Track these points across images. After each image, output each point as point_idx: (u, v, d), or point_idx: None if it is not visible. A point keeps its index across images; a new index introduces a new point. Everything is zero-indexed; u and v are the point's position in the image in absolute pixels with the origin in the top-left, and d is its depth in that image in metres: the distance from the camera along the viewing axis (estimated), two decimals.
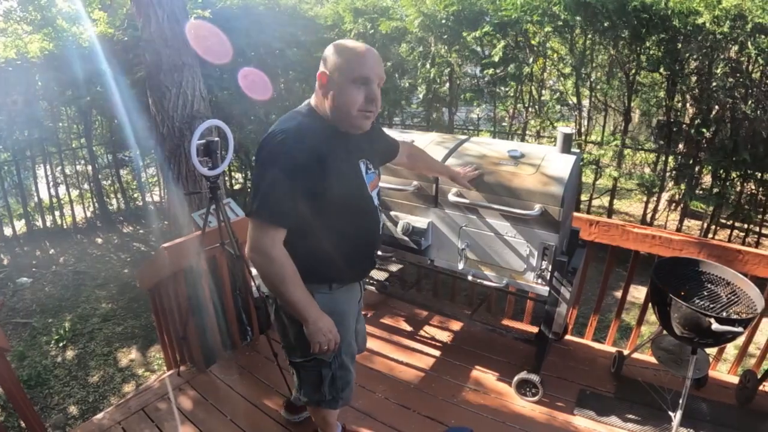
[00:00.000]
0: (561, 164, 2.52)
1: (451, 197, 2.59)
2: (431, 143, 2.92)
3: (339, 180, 1.71)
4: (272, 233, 1.63)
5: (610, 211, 7.13)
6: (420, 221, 2.77)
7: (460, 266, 2.72)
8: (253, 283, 3.17)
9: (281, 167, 1.60)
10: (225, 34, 5.12)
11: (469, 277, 2.76)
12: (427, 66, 6.94)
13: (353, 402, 2.83)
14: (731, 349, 4.03)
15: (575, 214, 3.14)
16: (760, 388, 2.86)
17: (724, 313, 2.38)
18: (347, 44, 1.70)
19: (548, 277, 2.53)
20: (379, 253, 2.94)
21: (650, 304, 2.68)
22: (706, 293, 2.55)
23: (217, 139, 2.80)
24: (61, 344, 5.08)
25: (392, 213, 2.84)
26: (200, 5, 6.03)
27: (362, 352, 2.39)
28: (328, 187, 1.67)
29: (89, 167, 8.12)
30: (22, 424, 2.49)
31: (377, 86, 1.70)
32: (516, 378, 2.92)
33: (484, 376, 3.12)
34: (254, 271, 3.28)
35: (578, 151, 2.70)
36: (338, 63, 1.66)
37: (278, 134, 1.64)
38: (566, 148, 2.64)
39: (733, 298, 2.50)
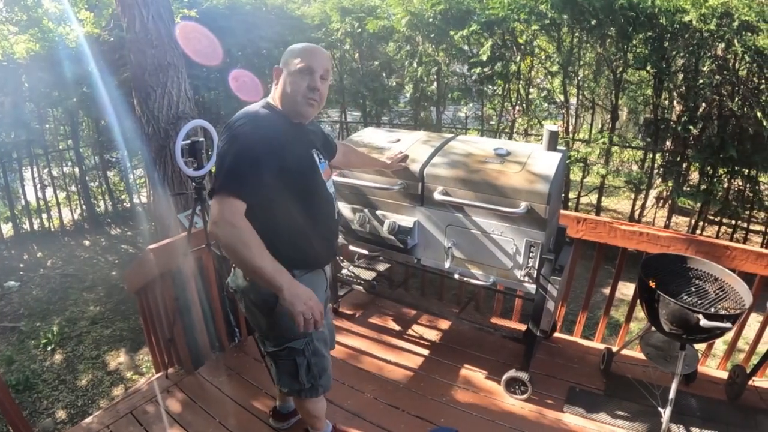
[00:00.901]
0: (547, 162, 2.52)
1: (437, 196, 2.59)
2: (417, 142, 2.91)
3: (296, 162, 1.85)
4: (235, 204, 1.66)
5: (599, 209, 7.15)
6: (406, 220, 2.76)
7: (447, 265, 2.71)
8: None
9: (241, 146, 1.71)
10: (212, 33, 5.10)
11: (456, 276, 2.76)
12: (415, 65, 6.95)
13: (342, 402, 2.83)
14: (720, 345, 4.05)
15: (562, 211, 3.15)
16: (750, 383, 2.88)
17: (712, 309, 2.38)
18: (298, 44, 1.91)
19: (535, 275, 2.52)
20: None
21: (638, 301, 2.69)
22: (694, 289, 2.55)
23: (202, 139, 2.79)
24: (49, 348, 5.04)
25: (378, 212, 2.83)
26: (186, 5, 6.00)
27: (332, 348, 2.41)
28: (286, 168, 1.78)
29: (76, 169, 8.07)
30: (11, 430, 2.45)
31: (321, 78, 1.87)
32: (505, 376, 2.91)
33: (473, 374, 3.11)
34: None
35: (564, 148, 2.70)
36: (287, 57, 1.87)
37: (238, 120, 1.78)
38: (552, 146, 2.64)
39: (721, 293, 2.51)
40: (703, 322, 2.20)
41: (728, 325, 2.22)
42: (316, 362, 2.08)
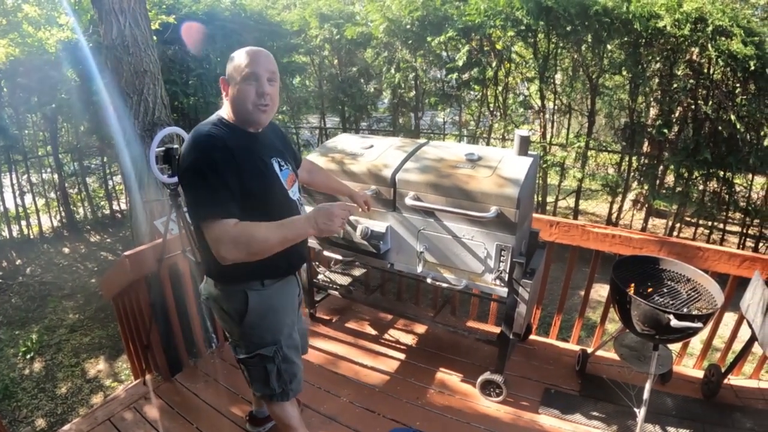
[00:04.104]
0: (517, 166, 2.56)
1: (409, 201, 2.61)
2: (391, 147, 2.94)
3: (252, 175, 1.81)
4: (225, 223, 1.67)
5: (576, 212, 7.22)
6: (378, 225, 2.78)
7: (419, 269, 2.74)
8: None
9: (202, 167, 1.70)
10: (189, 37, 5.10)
11: (429, 280, 2.79)
12: (393, 71, 6.97)
13: (318, 406, 2.85)
14: (697, 344, 4.11)
15: (535, 215, 3.19)
16: (725, 381, 2.93)
17: (684, 310, 2.43)
18: (240, 50, 1.85)
19: (506, 278, 2.56)
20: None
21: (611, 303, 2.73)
22: (666, 290, 2.61)
23: (176, 146, 2.78)
24: (28, 356, 4.98)
25: (351, 217, 2.85)
26: (165, 11, 5.98)
27: (305, 353, 2.43)
28: (244, 182, 1.76)
29: (56, 175, 7.98)
30: None
31: (268, 80, 1.82)
32: (480, 379, 2.94)
33: (449, 377, 3.14)
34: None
35: (535, 153, 2.74)
36: (231, 67, 1.83)
37: (192, 143, 1.76)
38: (523, 151, 2.68)
39: (693, 294, 2.56)
40: (674, 322, 2.25)
41: (699, 325, 2.27)
42: (286, 368, 2.09)
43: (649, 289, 2.59)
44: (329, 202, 1.77)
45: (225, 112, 1.90)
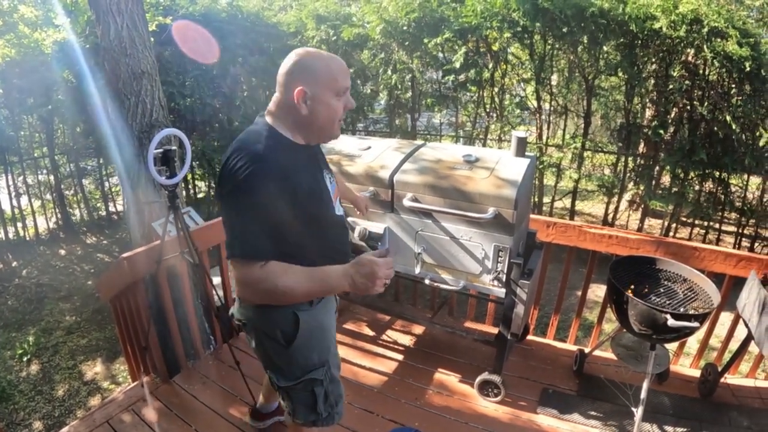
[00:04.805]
0: (514, 167, 2.57)
1: (407, 202, 2.62)
2: (388, 149, 2.95)
3: (310, 198, 1.66)
4: (259, 265, 1.53)
5: (573, 213, 7.24)
6: (376, 226, 2.79)
7: (417, 270, 2.75)
8: (215, 293, 3.17)
9: (247, 197, 1.51)
10: (186, 41, 5.10)
11: (426, 281, 2.80)
12: (389, 72, 6.97)
13: None
14: (693, 344, 4.13)
15: (532, 216, 3.20)
16: (722, 380, 2.95)
17: (681, 309, 2.44)
18: (320, 56, 1.64)
19: (504, 279, 2.57)
20: None
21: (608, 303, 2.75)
22: (663, 290, 2.62)
23: (174, 147, 2.79)
24: (25, 359, 4.98)
25: (349, 219, 2.86)
26: (162, 13, 5.98)
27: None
28: (302, 207, 1.61)
29: (52, 177, 7.96)
30: None
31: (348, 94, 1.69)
32: (478, 379, 2.95)
33: (447, 378, 3.15)
34: (215, 280, 3.30)
35: (532, 154, 2.75)
36: (318, 78, 1.60)
37: (245, 164, 1.52)
38: (520, 152, 2.70)
39: (690, 294, 2.58)
40: (671, 322, 2.26)
41: (696, 324, 2.28)
42: (333, 389, 1.93)
43: (646, 289, 2.61)
44: (371, 257, 1.54)
45: (280, 123, 1.67)
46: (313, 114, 1.62)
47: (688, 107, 6.16)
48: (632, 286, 2.58)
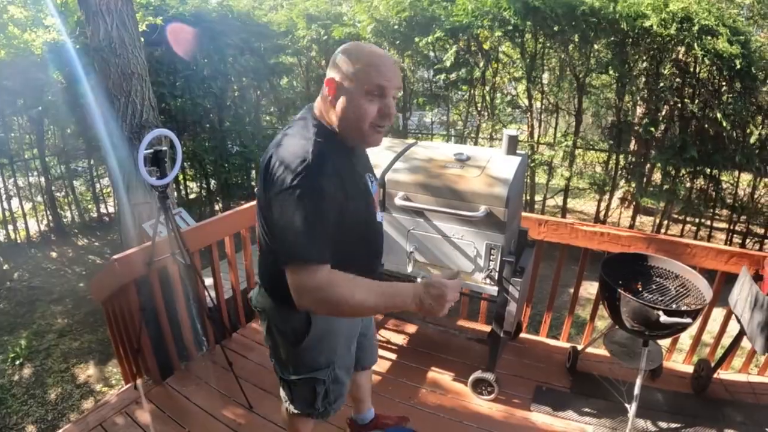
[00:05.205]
0: (506, 166, 2.57)
1: (398, 201, 2.62)
2: (381, 148, 2.94)
3: (356, 200, 1.59)
4: (320, 270, 1.43)
5: (564, 210, 7.26)
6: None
7: (409, 269, 2.75)
8: (207, 294, 3.16)
9: (305, 194, 1.41)
10: (176, 41, 5.08)
11: (418, 280, 2.78)
12: None
13: None
14: (686, 340, 4.15)
15: (524, 214, 3.20)
16: (715, 375, 2.96)
17: (673, 306, 2.46)
18: (362, 48, 1.54)
19: (496, 277, 2.57)
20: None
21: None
22: (655, 287, 2.64)
23: (165, 148, 2.77)
24: (17, 362, 4.94)
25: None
26: (152, 13, 5.96)
27: (373, 364, 2.34)
28: (348, 210, 1.53)
29: (42, 179, 7.91)
30: None
31: (393, 98, 1.53)
32: (471, 377, 2.96)
33: (440, 377, 3.15)
34: (207, 281, 3.28)
35: (524, 152, 2.75)
36: (350, 70, 1.48)
37: (297, 163, 1.43)
38: (512, 150, 2.70)
39: (682, 290, 2.59)
40: (663, 318, 2.27)
41: (688, 320, 2.29)
42: (334, 389, 1.92)
43: (638, 286, 2.62)
44: (442, 279, 1.47)
45: (325, 115, 1.59)
46: (339, 109, 1.52)
47: (679, 105, 6.19)
48: (638, 284, 2.59)
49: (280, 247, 1.50)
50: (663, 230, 6.88)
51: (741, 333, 2.75)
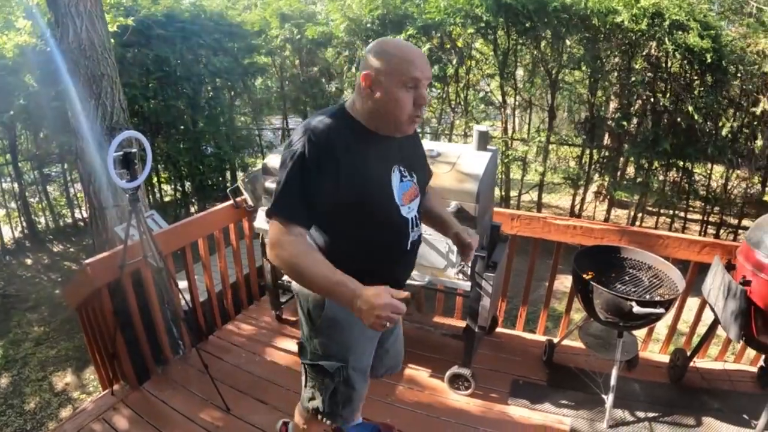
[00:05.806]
0: (476, 161, 2.59)
1: None
2: None
3: (358, 183, 1.59)
4: (287, 228, 1.51)
5: (540, 205, 7.33)
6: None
7: None
8: (181, 296, 3.13)
9: (295, 164, 1.53)
10: (149, 42, 5.02)
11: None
12: (354, 70, 6.97)
13: (286, 408, 2.82)
14: (662, 330, 4.21)
15: (497, 209, 3.23)
16: (691, 364, 3.00)
17: (647, 296, 2.49)
18: (395, 43, 1.60)
19: (468, 272, 2.58)
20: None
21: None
22: (628, 278, 2.67)
23: (134, 150, 2.74)
24: None
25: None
26: (123, 13, 5.88)
27: (396, 370, 2.22)
28: (345, 189, 1.56)
29: (16, 185, 7.78)
30: None
31: (425, 88, 1.60)
32: (448, 373, 2.97)
33: (417, 373, 3.16)
34: (181, 284, 3.25)
35: (495, 148, 2.77)
36: (385, 64, 1.54)
37: (299, 132, 1.57)
38: (482, 146, 2.72)
39: (655, 281, 2.63)
40: (636, 309, 2.30)
41: (661, 310, 2.33)
42: (343, 391, 1.86)
43: (612, 278, 2.65)
44: (386, 288, 1.41)
45: (354, 107, 1.65)
46: (376, 101, 1.57)
47: (651, 99, 6.28)
48: (591, 273, 2.61)
49: (272, 200, 1.60)
50: (638, 223, 6.98)
51: (716, 322, 2.79)
